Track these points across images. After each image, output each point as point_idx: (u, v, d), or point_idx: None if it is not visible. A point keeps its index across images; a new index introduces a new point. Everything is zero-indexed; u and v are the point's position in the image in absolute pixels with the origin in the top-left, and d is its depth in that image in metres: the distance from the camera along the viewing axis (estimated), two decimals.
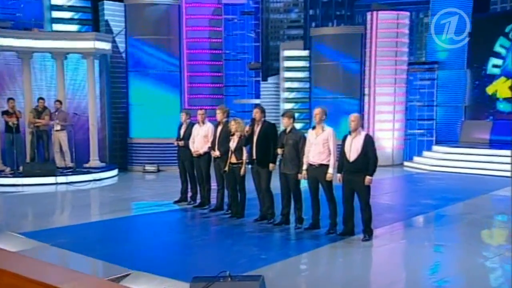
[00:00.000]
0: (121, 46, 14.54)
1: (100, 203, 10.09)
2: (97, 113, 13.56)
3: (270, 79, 16.89)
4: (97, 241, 6.82)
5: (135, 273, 5.49)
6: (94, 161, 13.29)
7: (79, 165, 13.01)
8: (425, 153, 15.99)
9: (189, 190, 9.53)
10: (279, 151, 7.68)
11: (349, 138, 7.09)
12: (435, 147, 15.97)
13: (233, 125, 8.22)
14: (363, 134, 7.04)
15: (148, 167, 14.06)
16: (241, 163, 8.17)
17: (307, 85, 16.02)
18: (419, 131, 16.54)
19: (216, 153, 8.60)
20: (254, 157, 7.95)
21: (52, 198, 10.36)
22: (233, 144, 8.27)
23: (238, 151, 8.21)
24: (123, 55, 14.51)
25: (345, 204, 7.14)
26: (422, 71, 16.57)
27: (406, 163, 15.95)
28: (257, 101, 16.18)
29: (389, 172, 14.96)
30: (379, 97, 15.79)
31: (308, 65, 15.99)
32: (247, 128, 7.97)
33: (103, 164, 13.57)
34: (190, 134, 9.27)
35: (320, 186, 7.40)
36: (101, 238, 7.00)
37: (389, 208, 9.38)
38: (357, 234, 7.11)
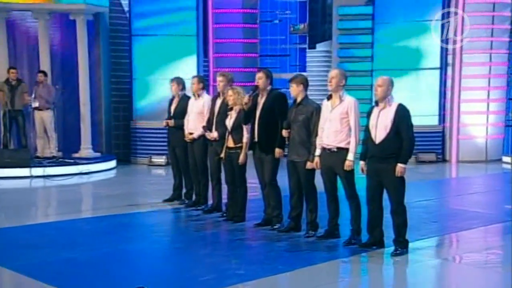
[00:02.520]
0: (125, 4, 14.40)
1: (68, 200, 9.96)
2: (90, 88, 13.47)
3: (319, 46, 16.20)
4: (28, 247, 6.59)
5: None
6: (86, 150, 13.28)
7: (67, 154, 12.98)
8: None
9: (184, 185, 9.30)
10: (285, 132, 7.16)
11: (375, 111, 6.45)
12: None
13: (230, 96, 7.77)
14: (394, 105, 6.37)
15: (155, 159, 13.80)
16: (240, 147, 7.72)
17: (369, 53, 15.18)
18: None
19: (213, 134, 8.21)
20: (256, 139, 7.49)
21: (13, 195, 10.32)
22: (230, 121, 7.85)
23: (236, 131, 7.77)
24: (127, 15, 14.33)
25: (370, 204, 6.54)
26: None
27: (505, 159, 14.83)
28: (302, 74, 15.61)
29: (479, 169, 14.01)
30: (467, 68, 14.74)
31: (370, 26, 15.14)
32: (246, 98, 7.45)
33: (98, 154, 13.51)
34: (182, 111, 8.96)
35: (338, 179, 6.85)
36: (36, 243, 6.77)
37: (454, 214, 8.77)
38: (389, 246, 6.54)
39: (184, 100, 9.03)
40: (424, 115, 14.61)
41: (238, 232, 7.37)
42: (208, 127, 8.28)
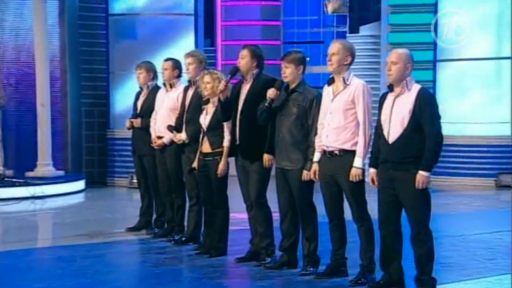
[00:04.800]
0: None
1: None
2: (51, 85, 13.61)
3: (364, 30, 16.09)
4: None
5: None
6: (44, 168, 13.43)
7: (20, 173, 13.11)
8: None
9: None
10: (272, 92, 6.97)
11: (389, 99, 6.36)
12: None
13: (207, 83, 7.73)
14: (414, 89, 6.26)
15: None
16: (220, 153, 7.71)
17: (430, 38, 15.01)
18: None
19: (181, 136, 8.25)
20: (238, 141, 7.50)
21: None
22: (206, 118, 7.85)
23: (214, 131, 7.78)
24: None
25: (384, 229, 6.41)
26: None
27: None
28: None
29: None
30: None
31: (433, 1, 14.99)
32: (222, 84, 7.45)
33: (61, 173, 13.65)
34: (153, 107, 9.06)
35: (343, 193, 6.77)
36: None
37: None
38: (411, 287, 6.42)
39: (154, 93, 9.12)
40: (508, 122, 14.31)
41: (209, 269, 7.33)
42: (175, 127, 8.30)
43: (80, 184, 13.50)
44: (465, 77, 14.55)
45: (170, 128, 8.36)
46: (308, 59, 15.29)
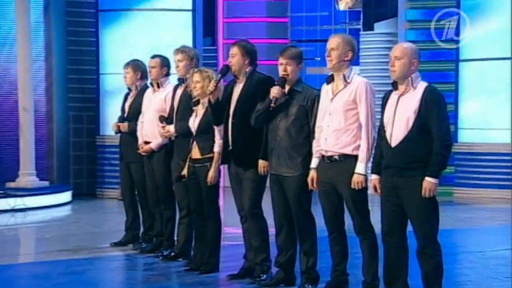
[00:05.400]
0: None
1: None
2: (35, 88, 13.66)
3: (378, 27, 16.04)
4: None
5: None
6: (26, 178, 13.43)
7: (0, 183, 13.16)
8: None
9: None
10: (276, 90, 6.93)
11: (392, 98, 6.36)
12: None
13: (197, 83, 7.77)
14: (420, 87, 6.26)
15: None
16: (210, 159, 7.74)
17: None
18: None
19: (170, 128, 8.31)
20: (230, 147, 7.53)
21: None
22: (195, 121, 7.90)
23: (204, 135, 7.81)
24: None
25: (387, 242, 6.39)
26: None
27: None
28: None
29: None
30: None
31: None
32: (211, 84, 7.46)
33: (45, 184, 13.68)
34: (141, 110, 9.11)
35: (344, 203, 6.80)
36: None
37: None
38: None
39: (143, 94, 9.19)
40: None
41: (199, 287, 7.40)
42: (166, 118, 8.41)
43: (66, 196, 13.52)
44: (490, 78, 14.48)
45: (162, 118, 8.42)
46: (318, 59, 15.77)
